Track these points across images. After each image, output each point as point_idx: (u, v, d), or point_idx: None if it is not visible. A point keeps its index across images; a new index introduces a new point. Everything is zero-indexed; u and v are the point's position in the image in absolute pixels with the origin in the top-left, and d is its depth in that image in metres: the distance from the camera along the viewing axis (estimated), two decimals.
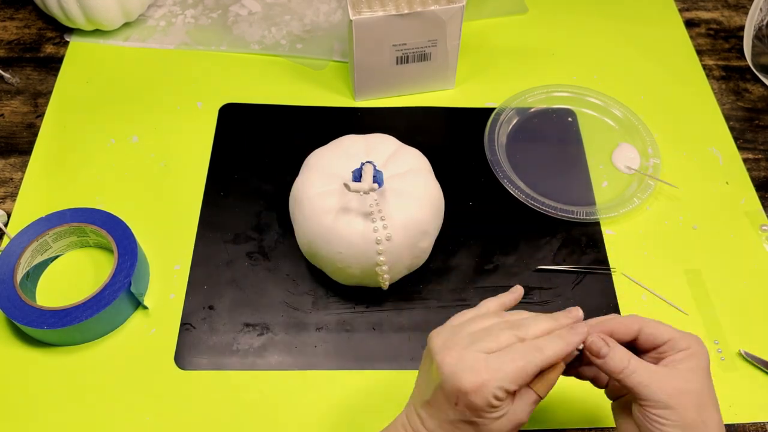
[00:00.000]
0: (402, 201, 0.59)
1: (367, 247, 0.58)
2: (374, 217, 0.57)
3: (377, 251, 0.58)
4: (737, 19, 0.91)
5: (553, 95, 0.80)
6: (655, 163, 0.73)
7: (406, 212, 0.59)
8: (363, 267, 0.59)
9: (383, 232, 0.57)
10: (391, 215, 0.58)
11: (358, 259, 0.58)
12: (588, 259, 0.68)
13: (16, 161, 0.73)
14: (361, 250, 0.58)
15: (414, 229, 0.59)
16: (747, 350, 0.62)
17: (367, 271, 0.59)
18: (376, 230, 0.57)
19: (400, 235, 0.58)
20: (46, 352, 0.60)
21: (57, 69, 0.82)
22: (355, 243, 0.58)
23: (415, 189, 0.60)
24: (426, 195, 0.61)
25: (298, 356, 0.61)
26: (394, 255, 0.58)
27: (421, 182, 0.61)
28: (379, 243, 0.57)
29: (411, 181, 0.61)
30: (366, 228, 0.58)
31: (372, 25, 0.70)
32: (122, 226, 0.64)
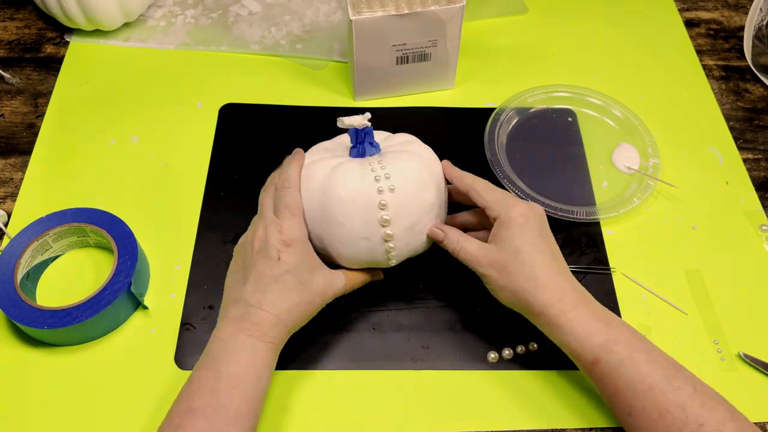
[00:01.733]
0: (400, 156, 0.58)
1: (368, 198, 0.55)
2: (371, 161, 0.56)
3: (379, 204, 0.55)
4: (737, 19, 0.91)
5: (553, 95, 0.80)
6: (655, 163, 0.73)
7: (405, 163, 0.57)
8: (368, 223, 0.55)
9: (383, 173, 0.55)
10: (391, 166, 0.56)
11: (363, 214, 0.55)
12: (588, 259, 0.68)
13: (16, 161, 0.73)
14: (363, 202, 0.55)
15: (415, 177, 0.56)
16: (746, 351, 0.62)
17: (372, 233, 0.55)
18: (377, 179, 0.55)
19: (402, 181, 0.55)
20: (46, 352, 0.60)
21: (57, 69, 0.82)
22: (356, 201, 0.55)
23: (412, 149, 0.59)
24: (424, 154, 0.59)
25: (297, 356, 0.61)
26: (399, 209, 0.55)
27: (418, 147, 0.60)
28: (381, 193, 0.55)
29: (406, 146, 0.60)
30: (363, 177, 0.55)
31: (372, 25, 0.70)
32: (122, 226, 0.64)
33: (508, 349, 0.61)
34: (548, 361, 0.61)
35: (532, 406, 0.59)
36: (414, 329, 0.63)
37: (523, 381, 0.60)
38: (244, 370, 0.51)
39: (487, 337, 0.62)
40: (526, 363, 0.61)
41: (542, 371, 0.60)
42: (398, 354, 0.61)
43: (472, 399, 0.59)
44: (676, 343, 0.63)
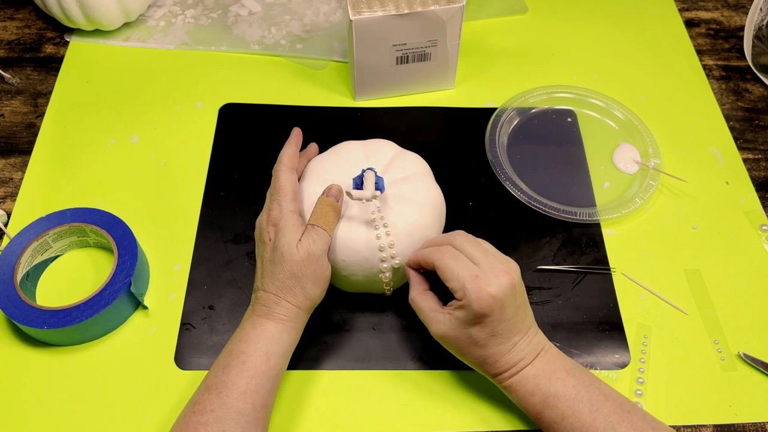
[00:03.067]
0: (404, 206, 0.59)
1: (370, 254, 0.57)
2: (377, 224, 0.57)
3: (380, 258, 0.57)
4: (737, 19, 0.91)
5: (554, 96, 0.80)
6: (656, 163, 0.73)
7: (409, 218, 0.58)
8: (366, 274, 0.59)
9: (386, 239, 0.57)
10: (394, 222, 0.58)
11: (362, 267, 0.58)
12: (588, 259, 0.68)
13: (16, 161, 0.73)
14: (364, 257, 0.58)
15: (417, 234, 0.59)
16: (746, 351, 0.62)
17: (371, 278, 0.59)
18: (379, 237, 0.57)
19: (404, 242, 0.58)
20: (46, 352, 0.60)
21: (57, 69, 0.82)
22: (358, 251, 0.57)
23: (416, 194, 0.60)
24: (428, 200, 0.60)
25: (298, 356, 0.61)
26: (397, 262, 0.58)
27: (423, 187, 0.61)
28: (382, 250, 0.57)
29: (412, 186, 0.60)
30: (369, 235, 0.57)
31: (372, 25, 0.70)
32: (122, 226, 0.64)
33: None
34: None
35: None
36: (414, 329, 0.63)
37: None
38: (253, 345, 0.53)
39: None
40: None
41: None
42: (398, 354, 0.61)
43: (472, 399, 0.59)
44: (676, 343, 0.63)
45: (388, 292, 0.61)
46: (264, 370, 0.52)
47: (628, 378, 0.60)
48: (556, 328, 0.63)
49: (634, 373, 0.61)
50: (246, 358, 0.52)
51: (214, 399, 0.51)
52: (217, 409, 0.50)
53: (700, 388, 0.60)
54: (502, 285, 0.52)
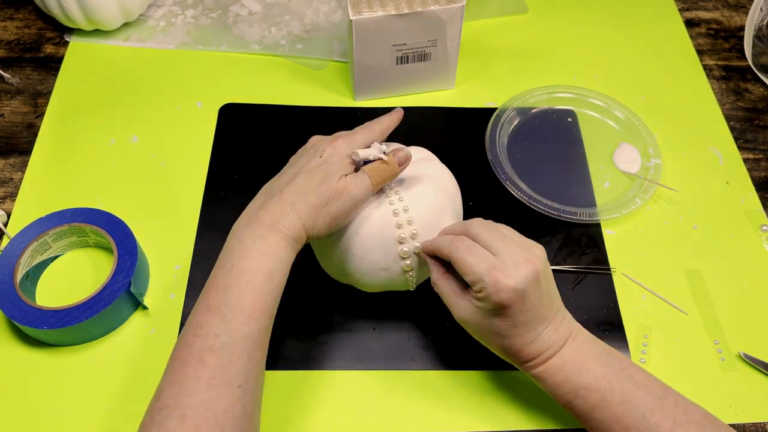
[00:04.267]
0: (418, 183, 0.57)
1: (387, 233, 0.55)
2: (391, 199, 0.56)
3: (398, 239, 0.55)
4: (737, 19, 0.91)
5: (554, 96, 0.80)
6: (656, 164, 0.73)
7: (423, 190, 0.57)
8: (387, 256, 0.56)
9: (404, 215, 0.55)
10: (409, 196, 0.56)
11: (382, 249, 0.56)
12: (588, 259, 0.68)
13: (16, 161, 0.73)
14: (382, 237, 0.55)
15: (433, 206, 0.57)
16: (746, 351, 0.62)
17: (392, 265, 0.56)
18: (396, 213, 0.55)
19: (421, 212, 0.56)
20: (46, 352, 0.60)
21: (57, 69, 0.82)
22: (374, 233, 0.55)
23: (429, 172, 0.59)
24: (441, 177, 0.59)
25: (297, 356, 0.61)
26: (418, 244, 0.56)
27: (434, 166, 0.60)
28: (397, 215, 0.55)
29: (422, 167, 0.59)
30: (384, 216, 0.55)
31: (372, 25, 0.70)
32: (122, 226, 0.64)
33: None
34: None
35: (532, 406, 0.59)
36: (414, 329, 0.63)
37: (523, 381, 0.60)
38: (256, 263, 0.49)
39: None
40: None
41: None
42: (398, 354, 0.61)
43: (472, 399, 0.59)
44: (676, 343, 0.63)
45: (412, 285, 0.59)
46: (267, 291, 0.49)
47: None
48: None
49: None
50: (249, 278, 0.49)
51: (219, 323, 0.47)
52: (222, 334, 0.47)
53: (700, 388, 0.60)
54: (523, 275, 0.50)
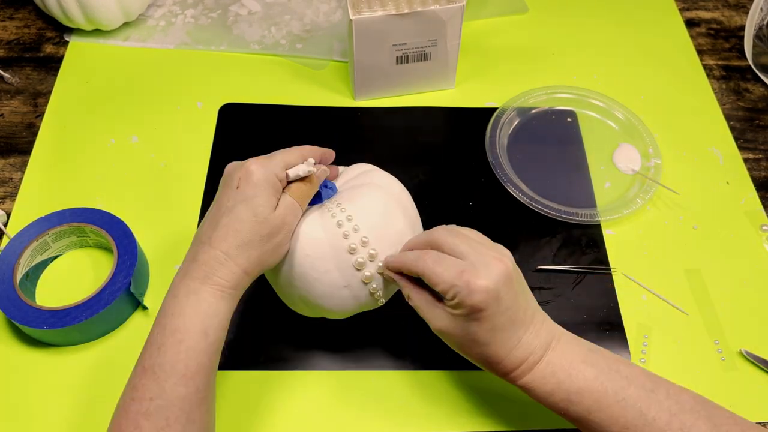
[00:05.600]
0: (358, 191, 0.55)
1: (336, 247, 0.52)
2: (333, 212, 0.52)
3: (349, 249, 0.52)
4: (737, 19, 0.91)
5: (554, 96, 0.80)
6: (656, 164, 0.73)
7: (364, 197, 0.54)
8: (343, 272, 0.52)
9: (342, 214, 0.52)
10: (351, 206, 0.53)
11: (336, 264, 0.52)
12: (588, 259, 0.68)
13: (16, 161, 0.73)
14: (332, 254, 0.52)
15: (378, 209, 0.53)
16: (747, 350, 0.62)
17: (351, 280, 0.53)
18: (340, 224, 0.52)
19: (366, 218, 0.53)
20: (46, 352, 0.60)
21: (57, 69, 0.82)
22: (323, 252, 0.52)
23: (369, 180, 0.56)
24: (381, 182, 0.56)
25: (297, 356, 0.61)
26: (369, 244, 0.52)
27: (373, 175, 0.57)
28: (340, 226, 0.52)
29: (365, 178, 0.57)
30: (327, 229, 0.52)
31: (372, 24, 0.70)
32: (122, 226, 0.64)
33: None
34: None
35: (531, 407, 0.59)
36: (414, 329, 0.63)
37: None
38: (189, 321, 0.47)
39: None
40: None
41: None
42: (398, 354, 0.61)
43: (472, 399, 0.59)
44: (676, 343, 0.63)
45: (381, 301, 0.56)
46: (203, 348, 0.47)
47: None
48: None
49: None
50: (182, 336, 0.47)
51: (153, 385, 0.46)
52: (157, 397, 0.45)
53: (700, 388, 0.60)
54: (494, 274, 0.48)
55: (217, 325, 0.48)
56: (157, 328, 0.48)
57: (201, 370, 0.47)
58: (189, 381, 0.46)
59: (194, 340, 0.47)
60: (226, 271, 0.49)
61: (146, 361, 0.47)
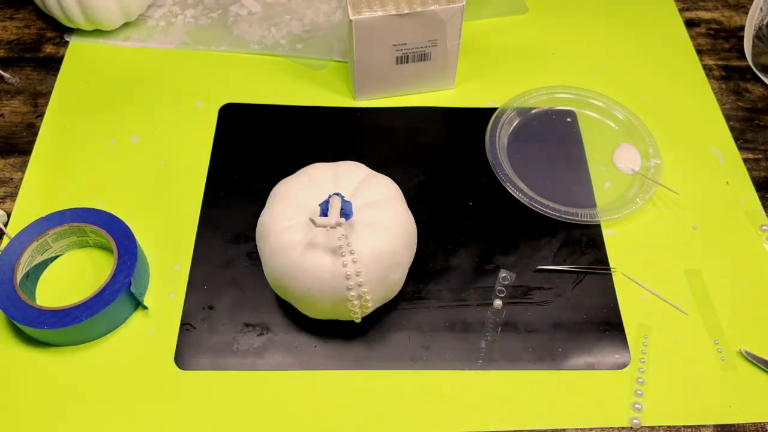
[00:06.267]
0: (372, 233, 0.57)
1: (336, 282, 0.56)
2: (343, 251, 0.55)
3: (347, 287, 0.56)
4: (737, 19, 0.91)
5: (554, 96, 0.80)
6: (656, 164, 0.73)
7: (376, 245, 0.56)
8: (333, 302, 0.57)
9: (353, 267, 0.55)
10: (361, 250, 0.56)
11: (328, 295, 0.56)
12: (588, 259, 0.68)
13: (16, 161, 0.73)
14: (330, 285, 0.56)
15: (385, 261, 0.57)
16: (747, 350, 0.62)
17: (338, 306, 0.57)
18: (345, 265, 0.55)
19: (371, 270, 0.56)
20: (46, 352, 0.60)
21: (57, 69, 0.82)
22: (323, 279, 0.56)
23: (385, 220, 0.58)
24: (396, 226, 0.58)
25: (298, 356, 0.61)
26: (364, 289, 0.56)
27: (392, 213, 0.59)
28: (348, 278, 0.55)
29: (381, 212, 0.58)
30: (335, 263, 0.55)
31: (372, 25, 0.70)
32: (122, 226, 0.64)
33: None
34: (548, 361, 0.61)
35: (531, 407, 0.59)
36: (414, 329, 0.63)
37: (523, 381, 0.60)
38: None
39: None
40: (527, 364, 0.61)
41: (542, 371, 0.60)
42: (398, 354, 0.61)
43: (472, 399, 0.59)
44: (676, 343, 0.63)
45: (357, 320, 0.59)
46: None
47: (628, 378, 0.60)
48: (556, 328, 0.63)
49: (634, 373, 0.61)
50: None
51: None
52: None
53: (700, 388, 0.60)
54: None
55: None
56: None
57: None
58: None
59: None
60: None
61: None
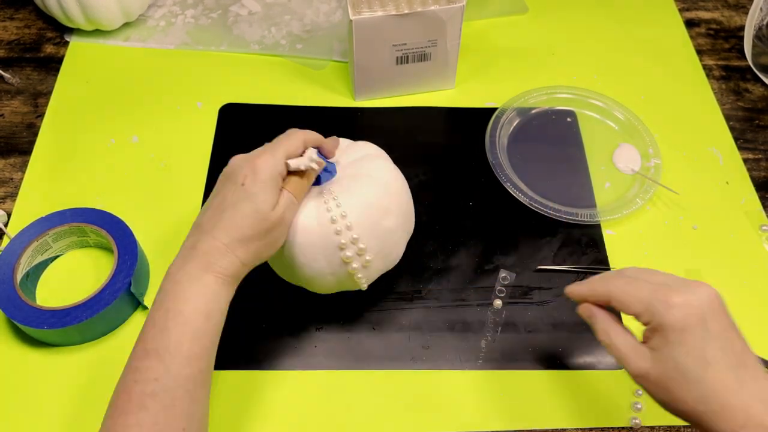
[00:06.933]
0: (356, 183, 0.56)
1: (328, 241, 0.54)
2: (329, 205, 0.54)
3: (339, 246, 0.54)
4: (737, 19, 0.91)
5: (554, 96, 0.80)
6: (656, 164, 0.73)
7: (361, 191, 0.55)
8: (332, 267, 0.56)
9: (337, 210, 0.54)
10: (347, 200, 0.55)
11: (325, 263, 0.55)
12: (588, 259, 0.68)
13: (16, 161, 0.73)
14: (322, 245, 0.54)
15: (373, 207, 0.55)
16: None
17: (337, 270, 0.56)
18: (329, 210, 0.54)
19: (359, 215, 0.54)
20: (46, 352, 0.60)
21: (57, 69, 0.82)
22: (310, 229, 0.54)
23: (370, 170, 0.57)
24: (382, 176, 0.57)
25: (298, 356, 0.61)
26: (362, 245, 0.55)
27: (374, 165, 0.58)
28: (339, 234, 0.54)
29: (365, 164, 0.58)
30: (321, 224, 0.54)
31: (372, 25, 0.70)
32: (122, 226, 0.64)
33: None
34: (548, 361, 0.61)
35: (531, 407, 0.59)
36: (414, 329, 0.63)
37: (523, 381, 0.60)
38: (192, 306, 0.49)
39: None
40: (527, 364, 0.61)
41: (542, 371, 0.60)
42: (398, 354, 0.61)
43: (472, 399, 0.59)
44: None
45: (363, 285, 0.58)
46: (205, 331, 0.49)
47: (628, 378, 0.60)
48: (556, 328, 0.63)
49: None
50: (186, 319, 0.48)
51: (158, 366, 0.46)
52: (162, 378, 0.46)
53: None
54: (698, 294, 0.43)
55: (218, 310, 0.50)
56: (159, 312, 0.49)
57: (204, 352, 0.48)
58: (193, 362, 0.47)
59: (198, 323, 0.48)
60: (226, 262, 0.50)
61: (149, 343, 0.48)
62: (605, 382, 0.60)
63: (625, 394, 0.59)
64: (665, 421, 0.58)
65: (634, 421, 0.58)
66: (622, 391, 0.60)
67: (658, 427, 0.58)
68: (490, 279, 0.66)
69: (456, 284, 0.65)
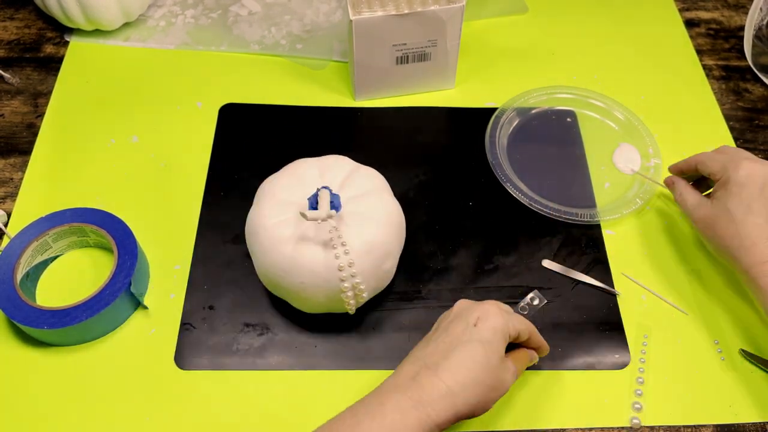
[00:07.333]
0: (361, 224, 0.57)
1: (329, 275, 0.56)
2: (335, 243, 0.55)
3: (340, 278, 0.56)
4: (737, 19, 0.91)
5: (554, 96, 0.80)
6: (656, 164, 0.73)
7: (367, 236, 0.57)
8: (327, 295, 0.57)
9: (345, 258, 0.55)
10: (352, 241, 0.56)
11: (322, 288, 0.57)
12: (588, 259, 0.68)
13: (16, 161, 0.73)
14: (324, 278, 0.56)
15: (377, 251, 0.57)
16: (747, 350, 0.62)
17: (332, 298, 0.58)
18: (337, 257, 0.55)
19: (363, 260, 0.56)
20: (46, 352, 0.60)
21: (57, 69, 0.82)
22: (317, 272, 0.56)
23: (374, 211, 0.59)
24: (385, 215, 0.59)
25: (298, 356, 0.61)
26: (358, 280, 0.57)
27: (380, 203, 0.60)
28: (341, 270, 0.55)
29: (369, 203, 0.59)
30: (327, 256, 0.56)
31: (372, 25, 0.70)
32: (122, 226, 0.64)
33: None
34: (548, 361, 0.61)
35: (531, 407, 0.59)
36: (414, 329, 0.63)
37: (523, 381, 0.60)
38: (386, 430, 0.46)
39: None
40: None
41: (542, 371, 0.60)
42: (398, 354, 0.61)
43: None
44: (676, 343, 0.63)
45: (352, 311, 0.60)
46: None
47: (628, 378, 0.60)
48: (556, 328, 0.63)
49: (634, 373, 0.61)
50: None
51: None
52: None
53: (700, 388, 0.60)
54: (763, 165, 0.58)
55: None
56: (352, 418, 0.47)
57: None
58: None
59: None
60: (441, 408, 0.47)
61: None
62: (605, 382, 0.60)
63: (625, 394, 0.59)
64: (665, 421, 0.58)
65: (634, 421, 0.58)
66: (622, 391, 0.60)
67: (658, 427, 0.58)
68: (491, 279, 0.66)
69: (456, 284, 0.65)
